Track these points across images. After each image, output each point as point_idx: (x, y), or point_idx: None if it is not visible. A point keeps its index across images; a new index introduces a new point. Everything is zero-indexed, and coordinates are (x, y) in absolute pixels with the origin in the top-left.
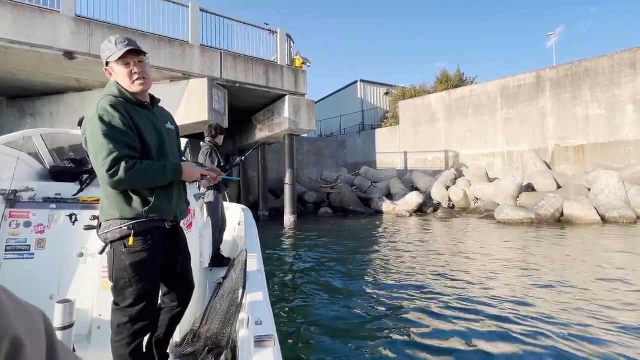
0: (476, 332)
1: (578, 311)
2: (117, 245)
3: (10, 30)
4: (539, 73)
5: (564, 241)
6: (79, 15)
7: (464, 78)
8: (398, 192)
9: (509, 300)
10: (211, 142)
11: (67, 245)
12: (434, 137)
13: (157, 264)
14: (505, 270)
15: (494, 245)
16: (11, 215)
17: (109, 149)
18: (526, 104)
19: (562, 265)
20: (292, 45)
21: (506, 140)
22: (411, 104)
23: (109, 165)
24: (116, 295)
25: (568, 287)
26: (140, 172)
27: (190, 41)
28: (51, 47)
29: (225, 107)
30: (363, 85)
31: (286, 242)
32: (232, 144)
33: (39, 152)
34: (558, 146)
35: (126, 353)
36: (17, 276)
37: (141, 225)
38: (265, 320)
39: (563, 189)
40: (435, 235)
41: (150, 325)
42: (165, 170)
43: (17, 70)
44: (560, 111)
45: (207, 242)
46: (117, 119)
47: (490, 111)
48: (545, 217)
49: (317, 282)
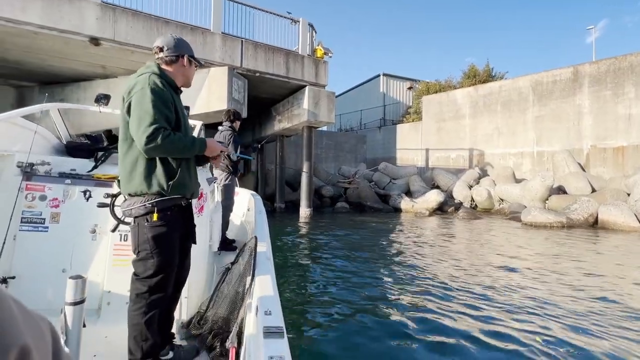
0: (494, 347)
1: (622, 330)
2: (141, 220)
3: (40, 15)
4: (576, 68)
5: (600, 247)
6: (105, 2)
7: (492, 73)
8: (418, 190)
9: (541, 314)
10: (231, 127)
11: (81, 220)
12: (459, 134)
13: (176, 238)
14: (536, 278)
15: (522, 249)
16: (27, 188)
17: (154, 118)
18: (561, 101)
19: (601, 275)
20: (314, 35)
21: (536, 140)
22: (435, 99)
23: (151, 131)
24: (138, 266)
25: (610, 302)
26: (174, 141)
27: (212, 29)
28: (78, 32)
29: (245, 97)
30: (386, 79)
31: (298, 234)
32: (251, 134)
33: (56, 126)
34: (594, 147)
35: (142, 322)
36: (31, 248)
37: (164, 202)
38: (274, 310)
39: (598, 193)
40: (456, 236)
41: (165, 297)
42: (194, 143)
43: (47, 57)
44: (599, 109)
45: (217, 227)
46: (165, 94)
47: (521, 108)
48: (577, 221)
49: (327, 275)
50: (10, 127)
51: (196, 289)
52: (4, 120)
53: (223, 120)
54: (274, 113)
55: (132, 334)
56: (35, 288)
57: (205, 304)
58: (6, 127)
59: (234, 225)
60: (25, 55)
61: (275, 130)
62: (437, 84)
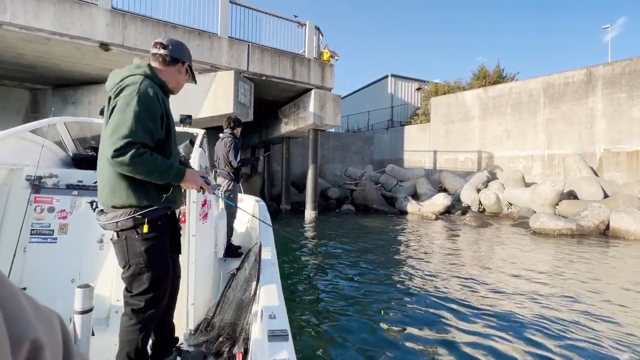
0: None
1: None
2: (129, 233)
3: (52, 21)
4: (590, 70)
5: (609, 259)
6: (115, 8)
7: (503, 74)
8: (425, 193)
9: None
10: (232, 133)
11: (88, 231)
12: (467, 137)
13: (167, 247)
14: (544, 290)
15: (529, 258)
16: (36, 201)
17: (130, 131)
18: (573, 104)
19: (616, 289)
20: (321, 38)
21: (547, 143)
22: (444, 101)
23: (122, 144)
24: (131, 281)
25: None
26: (145, 163)
27: (219, 33)
28: (88, 38)
29: (251, 100)
30: (394, 80)
31: (303, 237)
32: (258, 137)
33: (63, 140)
34: (608, 151)
35: (138, 338)
36: (41, 259)
37: (153, 213)
38: (279, 315)
39: (611, 199)
40: (462, 240)
41: (160, 310)
42: (169, 171)
43: (59, 61)
44: (614, 112)
45: (222, 233)
46: (155, 105)
47: (531, 110)
48: (587, 228)
49: (330, 278)
50: (19, 141)
51: (203, 295)
52: (13, 135)
53: (224, 127)
54: (280, 116)
55: (124, 349)
56: (45, 298)
57: (211, 310)
58: (15, 141)
59: (239, 231)
60: (38, 59)
61: (282, 133)
62: (446, 85)
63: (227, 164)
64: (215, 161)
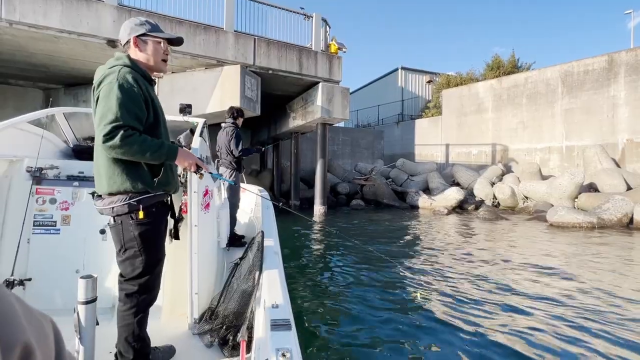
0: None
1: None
2: (124, 218)
3: (60, 20)
4: (611, 56)
5: (635, 252)
6: (121, 4)
7: (518, 64)
8: (437, 187)
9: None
10: (234, 123)
11: (90, 221)
12: (480, 129)
13: (162, 233)
14: (568, 287)
15: (550, 252)
16: (37, 192)
17: (116, 116)
18: (593, 92)
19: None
20: (328, 30)
21: (566, 134)
22: (456, 93)
23: (109, 129)
24: (126, 266)
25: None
26: (135, 143)
27: (224, 27)
28: (95, 35)
29: (258, 94)
30: (404, 72)
31: (310, 231)
32: (267, 132)
33: (62, 131)
34: (631, 141)
35: (134, 322)
36: (45, 250)
37: (148, 199)
38: (282, 304)
39: (634, 191)
40: (476, 234)
41: (155, 295)
42: (160, 148)
43: (69, 59)
44: (637, 101)
45: (224, 223)
46: (136, 90)
47: (548, 101)
48: (609, 221)
49: (336, 270)
50: (17, 133)
51: (206, 285)
52: (11, 126)
53: (226, 117)
54: (288, 110)
55: (122, 335)
56: (50, 289)
57: (216, 299)
58: (14, 133)
59: (242, 221)
60: (49, 59)
61: (290, 128)
62: (458, 76)
63: (229, 153)
64: (218, 151)
